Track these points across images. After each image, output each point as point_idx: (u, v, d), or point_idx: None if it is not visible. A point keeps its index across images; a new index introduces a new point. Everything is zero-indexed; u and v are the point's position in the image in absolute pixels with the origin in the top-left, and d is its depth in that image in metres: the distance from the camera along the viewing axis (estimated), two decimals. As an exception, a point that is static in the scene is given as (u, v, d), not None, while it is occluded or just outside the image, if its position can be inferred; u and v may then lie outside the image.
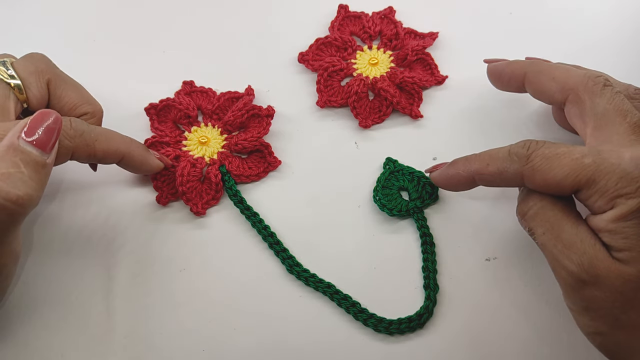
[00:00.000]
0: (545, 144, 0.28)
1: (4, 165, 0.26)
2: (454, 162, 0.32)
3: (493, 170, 0.29)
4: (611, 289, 0.25)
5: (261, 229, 0.35)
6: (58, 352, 0.32)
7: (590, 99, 0.30)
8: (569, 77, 0.31)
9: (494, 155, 0.30)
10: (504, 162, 0.29)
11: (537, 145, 0.28)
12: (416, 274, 0.34)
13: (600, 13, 0.45)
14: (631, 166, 0.25)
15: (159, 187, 0.37)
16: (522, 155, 0.28)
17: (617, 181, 0.25)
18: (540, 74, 0.33)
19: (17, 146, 0.27)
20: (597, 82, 0.30)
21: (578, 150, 0.27)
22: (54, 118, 0.28)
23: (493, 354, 0.31)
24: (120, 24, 0.45)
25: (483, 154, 0.31)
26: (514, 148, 0.29)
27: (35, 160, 0.27)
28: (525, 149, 0.28)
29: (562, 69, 0.32)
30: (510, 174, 0.29)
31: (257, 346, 0.32)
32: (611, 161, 0.26)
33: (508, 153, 0.29)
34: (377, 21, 0.44)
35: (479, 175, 0.30)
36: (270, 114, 0.39)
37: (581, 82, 0.30)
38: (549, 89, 0.32)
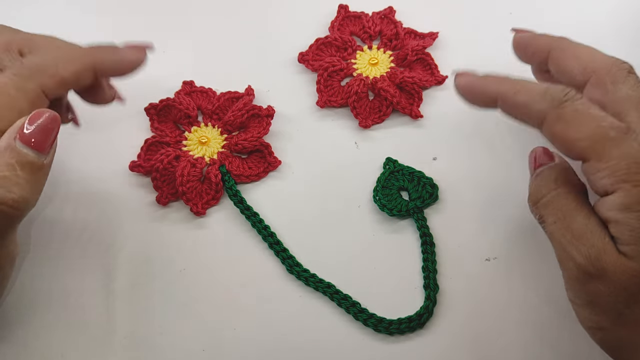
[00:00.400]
0: (581, 99, 0.26)
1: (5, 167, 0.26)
2: (485, 76, 0.30)
3: (520, 100, 0.28)
4: (616, 284, 0.24)
5: (261, 229, 0.35)
6: (58, 352, 0.32)
7: (612, 84, 0.28)
8: (594, 59, 0.30)
9: (527, 86, 0.28)
10: (535, 96, 0.27)
11: (575, 96, 0.26)
12: (416, 274, 0.34)
13: (601, 13, 0.45)
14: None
15: (159, 187, 0.37)
16: (557, 99, 0.26)
17: (629, 165, 0.24)
18: (564, 51, 0.31)
19: (13, 147, 0.26)
20: (622, 69, 0.29)
21: (609, 121, 0.25)
22: (51, 117, 0.27)
23: (493, 354, 0.31)
24: (120, 23, 0.45)
25: (517, 80, 0.29)
26: (552, 88, 0.27)
27: (32, 162, 0.26)
28: (562, 94, 0.26)
29: (587, 50, 0.31)
30: (535, 111, 0.27)
31: (257, 346, 0.32)
32: (632, 143, 0.24)
33: (544, 90, 0.27)
34: (377, 21, 0.44)
35: (503, 99, 0.28)
36: (270, 114, 0.39)
37: (605, 66, 0.29)
38: (571, 68, 0.31)
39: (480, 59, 0.41)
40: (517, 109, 0.28)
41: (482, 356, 0.31)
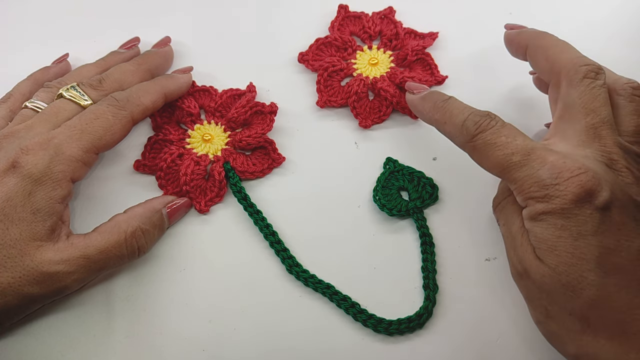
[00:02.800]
0: (493, 128, 0.29)
1: (148, 222, 0.34)
2: (428, 97, 0.34)
3: (447, 130, 0.32)
4: (536, 284, 0.27)
5: (263, 227, 0.35)
6: (58, 352, 0.32)
7: (566, 87, 0.30)
8: (559, 59, 0.31)
9: (453, 116, 0.31)
10: (456, 129, 0.30)
11: (487, 126, 0.29)
12: (416, 274, 0.34)
13: (601, 13, 0.45)
14: (546, 174, 0.26)
15: (163, 185, 0.37)
16: (469, 133, 0.29)
17: (531, 185, 0.27)
18: (537, 50, 0.33)
19: (160, 212, 0.35)
20: (578, 72, 0.30)
21: (513, 146, 0.28)
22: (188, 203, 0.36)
23: (493, 354, 0.31)
24: (120, 24, 0.45)
25: (449, 107, 0.32)
26: (468, 121, 0.30)
27: (163, 228, 0.35)
28: (474, 127, 0.29)
29: (557, 49, 0.32)
30: (457, 141, 0.31)
31: (257, 346, 0.32)
32: (533, 164, 0.27)
33: (462, 123, 0.30)
34: (377, 21, 0.44)
35: (436, 127, 0.33)
36: (273, 110, 0.39)
37: (564, 68, 0.31)
38: (541, 68, 0.33)
39: (480, 59, 0.41)
40: (447, 136, 0.32)
41: (482, 356, 0.31)
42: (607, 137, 0.28)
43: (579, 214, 0.25)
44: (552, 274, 0.26)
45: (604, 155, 0.27)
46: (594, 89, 0.29)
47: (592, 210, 0.25)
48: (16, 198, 0.30)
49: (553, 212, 0.26)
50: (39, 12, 0.46)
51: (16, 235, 0.30)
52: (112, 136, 0.34)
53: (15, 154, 0.31)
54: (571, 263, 0.25)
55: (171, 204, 0.36)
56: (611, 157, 0.27)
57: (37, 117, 0.34)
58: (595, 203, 0.25)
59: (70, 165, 0.32)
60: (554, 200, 0.26)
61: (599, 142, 0.28)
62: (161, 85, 0.38)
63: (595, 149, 0.28)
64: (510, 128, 0.29)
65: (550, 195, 0.26)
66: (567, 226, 0.26)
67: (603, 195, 0.25)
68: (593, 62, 0.30)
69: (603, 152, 0.27)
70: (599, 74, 0.30)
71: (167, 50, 0.42)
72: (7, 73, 0.40)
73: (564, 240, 0.26)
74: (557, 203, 0.26)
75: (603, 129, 0.28)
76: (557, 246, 0.26)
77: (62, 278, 0.30)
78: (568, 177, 0.26)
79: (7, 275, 0.29)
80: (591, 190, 0.25)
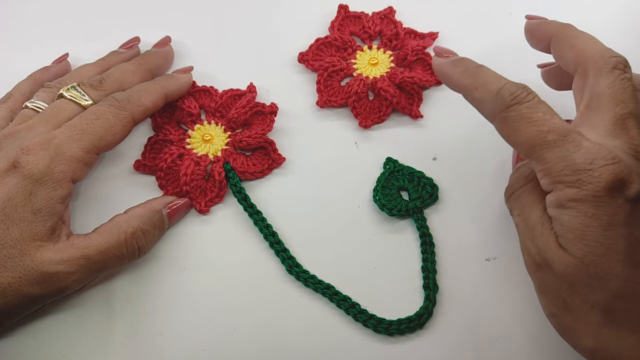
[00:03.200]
0: (530, 102, 0.28)
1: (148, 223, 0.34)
2: (459, 62, 0.32)
3: (477, 96, 0.30)
4: (558, 275, 0.26)
5: (263, 228, 0.35)
6: (58, 352, 0.32)
7: (594, 77, 0.29)
8: (586, 49, 0.30)
9: (488, 83, 0.30)
10: (488, 96, 0.29)
11: (523, 99, 0.28)
12: (416, 274, 0.34)
13: (602, 14, 0.45)
14: (581, 158, 0.26)
15: (164, 186, 0.37)
16: (504, 103, 0.28)
17: (563, 167, 0.26)
18: (563, 39, 0.32)
19: (160, 213, 0.35)
20: (608, 62, 0.29)
21: (550, 124, 0.27)
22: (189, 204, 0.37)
23: (493, 354, 0.31)
24: (120, 24, 0.45)
25: (483, 74, 0.30)
26: (504, 90, 0.28)
27: (163, 228, 0.35)
28: (510, 97, 0.28)
29: (584, 39, 0.31)
30: (487, 110, 0.29)
31: (257, 346, 0.32)
32: (568, 147, 0.26)
33: (497, 91, 0.29)
34: (377, 21, 0.44)
35: (464, 93, 0.31)
36: (273, 111, 0.39)
37: (592, 58, 0.30)
38: (566, 57, 0.32)
39: (480, 59, 0.41)
40: (475, 104, 0.30)
41: (482, 356, 0.31)
42: (634, 129, 0.27)
43: (611, 203, 0.25)
44: (578, 264, 0.25)
45: (631, 147, 0.27)
46: (624, 80, 0.29)
47: (623, 201, 0.25)
48: (17, 198, 0.30)
49: (584, 200, 0.25)
50: (39, 12, 0.47)
51: (17, 235, 0.30)
52: (112, 136, 0.34)
53: (15, 154, 0.31)
54: (600, 253, 0.25)
55: (171, 205, 0.36)
56: (638, 149, 0.27)
57: (38, 117, 0.34)
58: (627, 193, 0.25)
59: (71, 165, 0.32)
60: (585, 186, 0.25)
61: (627, 135, 0.27)
62: (162, 86, 0.38)
63: (624, 140, 0.27)
64: (547, 106, 0.28)
65: (582, 181, 0.25)
66: (597, 215, 0.25)
67: (634, 186, 0.25)
68: (621, 55, 0.30)
69: (631, 145, 0.27)
70: (627, 67, 0.29)
71: (168, 50, 0.42)
72: (7, 73, 0.40)
73: (594, 229, 0.25)
74: (590, 190, 0.25)
75: (630, 121, 0.28)
76: (585, 235, 0.25)
77: (62, 278, 0.30)
78: (603, 164, 0.25)
79: (7, 275, 0.29)
80: (623, 180, 0.25)
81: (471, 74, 0.31)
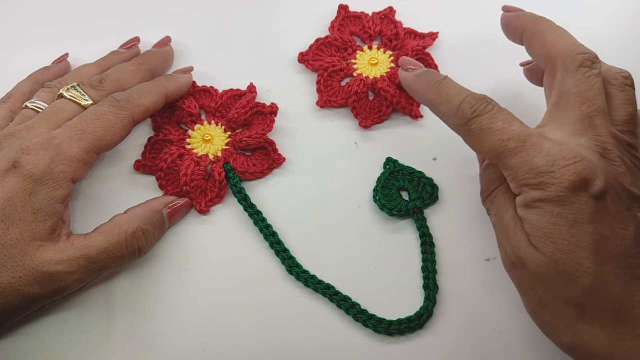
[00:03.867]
0: (489, 112, 0.29)
1: (149, 223, 0.34)
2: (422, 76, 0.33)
3: (442, 111, 0.31)
4: (531, 273, 0.27)
5: (263, 228, 0.35)
6: (58, 352, 0.32)
7: (561, 75, 0.30)
8: (555, 45, 0.31)
9: (449, 97, 0.30)
10: (450, 111, 0.30)
11: (483, 110, 0.29)
12: (416, 274, 0.34)
13: (601, 13, 0.45)
14: (542, 161, 0.26)
15: (164, 186, 0.37)
16: (465, 116, 0.29)
17: (526, 172, 0.27)
18: (533, 35, 0.33)
19: (161, 213, 0.35)
20: (575, 60, 0.30)
21: (509, 132, 0.28)
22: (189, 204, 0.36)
23: (493, 354, 0.31)
24: (120, 24, 0.45)
25: (444, 88, 0.31)
26: (464, 103, 0.29)
27: (163, 228, 0.35)
28: (470, 110, 0.29)
29: (553, 35, 0.32)
30: (452, 123, 0.30)
31: (257, 346, 0.32)
32: (528, 151, 0.27)
33: (458, 105, 0.30)
34: (377, 21, 0.44)
35: (430, 107, 0.32)
36: (273, 111, 0.39)
37: (560, 55, 0.30)
38: (537, 53, 0.33)
39: (480, 59, 0.41)
40: (441, 117, 0.31)
41: (482, 356, 0.31)
42: (601, 126, 0.28)
43: (575, 201, 0.26)
44: (548, 262, 0.26)
45: (597, 144, 0.27)
46: (590, 77, 0.29)
47: (587, 198, 0.25)
48: (17, 198, 0.30)
49: (549, 200, 0.26)
50: (39, 12, 0.47)
51: (17, 235, 0.30)
52: (112, 136, 0.34)
53: (15, 154, 0.31)
54: (567, 250, 0.25)
55: (171, 204, 0.36)
56: (605, 146, 0.27)
57: (38, 117, 0.34)
58: (590, 191, 0.25)
59: (71, 165, 0.32)
60: (549, 187, 0.26)
61: (593, 132, 0.28)
62: (162, 86, 0.38)
63: (590, 138, 0.28)
64: (506, 113, 0.29)
65: (545, 183, 0.26)
66: (562, 214, 0.26)
67: (598, 183, 0.25)
68: (589, 51, 0.30)
69: (597, 142, 0.28)
70: (595, 62, 0.30)
71: (167, 50, 0.42)
72: (7, 73, 0.40)
73: (560, 227, 0.26)
74: (553, 190, 0.26)
75: (597, 118, 0.28)
76: (552, 233, 0.26)
77: (62, 278, 0.30)
78: (564, 165, 0.26)
79: (7, 275, 0.29)
80: (586, 178, 0.25)
81: (434, 88, 0.31)
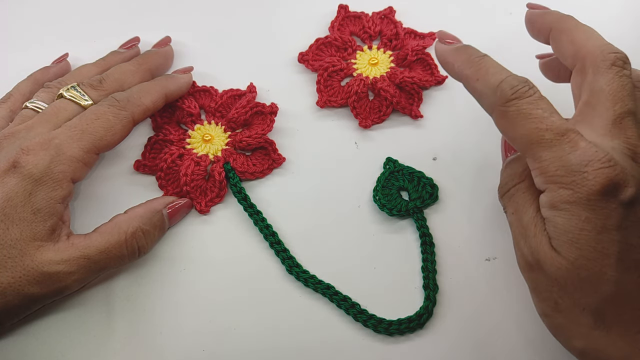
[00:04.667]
0: (531, 97, 0.27)
1: (149, 223, 0.34)
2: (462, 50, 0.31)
3: (478, 87, 0.29)
4: (549, 276, 0.26)
5: (263, 228, 0.35)
6: (58, 352, 0.32)
7: (593, 73, 0.29)
8: (585, 44, 0.30)
9: (489, 74, 0.29)
10: (489, 89, 0.28)
11: (524, 93, 0.27)
12: (416, 274, 0.34)
13: (601, 14, 0.45)
14: (576, 159, 0.25)
15: (164, 186, 0.37)
16: (504, 96, 0.27)
17: (557, 167, 0.25)
18: (562, 33, 0.32)
19: (161, 213, 0.35)
20: (606, 59, 0.29)
21: (548, 122, 0.26)
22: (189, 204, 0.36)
23: (493, 354, 0.31)
24: (120, 24, 0.45)
25: (485, 64, 0.30)
26: (505, 82, 0.28)
27: (163, 228, 0.35)
28: (511, 91, 0.27)
29: (583, 34, 0.31)
30: (487, 102, 0.29)
31: (257, 346, 0.32)
32: (564, 147, 0.26)
33: (498, 84, 0.28)
34: (377, 21, 0.44)
35: (465, 83, 0.30)
36: (273, 111, 0.39)
37: (591, 54, 0.29)
38: (565, 51, 0.31)
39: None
40: (475, 94, 0.30)
41: (482, 356, 0.31)
42: (632, 128, 0.27)
43: (605, 207, 0.25)
44: (570, 267, 0.25)
45: (629, 148, 0.26)
46: (622, 77, 0.28)
47: (616, 205, 0.25)
48: (16, 198, 0.30)
49: (578, 202, 0.25)
50: (39, 12, 0.47)
51: (16, 235, 0.30)
52: (112, 136, 0.34)
53: (15, 154, 0.31)
54: (592, 257, 0.25)
55: (172, 205, 0.36)
56: (636, 150, 0.26)
57: (38, 117, 0.34)
58: (620, 197, 0.25)
59: (71, 165, 0.32)
60: (580, 188, 0.25)
61: (625, 134, 0.27)
62: (162, 86, 0.38)
63: (622, 141, 0.27)
64: (547, 102, 0.27)
65: (576, 183, 0.25)
66: (591, 219, 0.25)
67: (629, 190, 0.25)
68: (620, 51, 0.29)
69: (629, 145, 0.27)
70: (626, 63, 0.29)
71: (168, 50, 0.42)
72: (7, 73, 0.40)
73: (587, 233, 0.25)
74: (583, 192, 0.25)
75: (629, 120, 0.27)
76: (578, 239, 0.25)
77: (62, 278, 0.30)
78: (598, 167, 0.25)
79: (7, 275, 0.29)
80: (618, 184, 0.25)
81: (473, 63, 0.30)
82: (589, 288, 0.25)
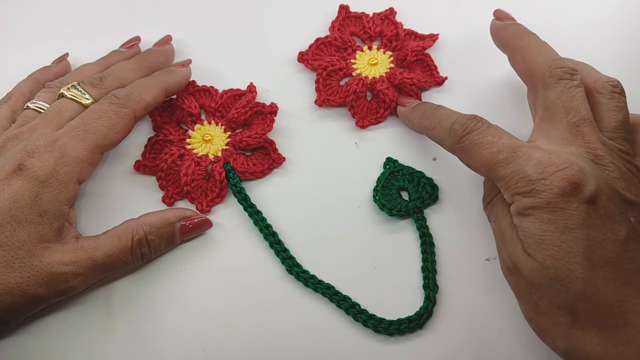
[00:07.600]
0: (480, 129, 0.30)
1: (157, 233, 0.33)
2: (417, 107, 0.35)
3: (436, 135, 0.32)
4: (526, 279, 0.27)
5: (263, 228, 0.35)
6: (58, 352, 0.32)
7: (543, 90, 0.31)
8: (535, 62, 0.32)
9: (442, 121, 0.32)
10: (444, 133, 0.31)
11: (473, 127, 0.30)
12: (416, 274, 0.34)
13: (600, 14, 0.45)
14: (532, 169, 0.27)
15: (164, 186, 0.37)
16: (457, 135, 0.30)
17: (517, 180, 0.27)
18: (515, 51, 0.34)
19: (173, 226, 0.34)
20: (554, 74, 0.31)
21: (499, 144, 0.28)
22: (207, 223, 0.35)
23: (493, 354, 0.31)
24: (120, 24, 0.45)
25: (437, 114, 0.33)
26: (456, 123, 0.31)
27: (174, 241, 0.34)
28: (462, 129, 0.30)
29: (533, 51, 0.33)
30: (446, 144, 0.32)
31: (257, 346, 0.32)
32: (519, 161, 0.27)
33: (450, 127, 0.31)
34: (377, 22, 0.44)
35: (426, 133, 0.34)
36: (273, 111, 0.39)
37: (539, 71, 0.31)
38: (519, 69, 0.34)
39: (480, 60, 0.41)
40: (437, 141, 0.33)
41: (482, 356, 0.31)
42: (589, 133, 0.29)
43: (565, 207, 0.26)
44: (541, 268, 0.26)
45: (588, 151, 0.28)
46: (571, 88, 0.30)
47: (578, 204, 0.26)
48: (23, 200, 0.30)
49: (539, 207, 0.26)
50: (39, 12, 0.47)
51: (24, 237, 0.30)
52: (115, 134, 0.34)
53: (20, 156, 0.31)
54: (559, 257, 0.26)
55: (188, 219, 0.35)
56: (596, 152, 0.28)
57: (40, 118, 0.34)
58: (581, 196, 0.26)
59: (76, 166, 0.32)
60: (540, 194, 0.26)
61: (583, 139, 0.28)
62: (161, 81, 0.38)
63: (580, 145, 0.28)
64: (496, 128, 0.30)
65: (536, 190, 0.26)
66: (553, 220, 0.26)
67: (589, 188, 0.26)
68: (568, 64, 0.31)
69: (588, 149, 0.28)
70: (574, 74, 0.31)
71: (168, 48, 0.42)
72: (7, 73, 0.40)
73: (551, 234, 0.26)
74: (543, 197, 0.26)
75: (585, 126, 0.29)
76: (544, 240, 0.26)
77: (69, 279, 0.30)
78: (553, 171, 0.26)
79: (15, 275, 0.29)
80: (577, 183, 0.26)
81: (428, 115, 0.33)
82: (560, 287, 0.26)
